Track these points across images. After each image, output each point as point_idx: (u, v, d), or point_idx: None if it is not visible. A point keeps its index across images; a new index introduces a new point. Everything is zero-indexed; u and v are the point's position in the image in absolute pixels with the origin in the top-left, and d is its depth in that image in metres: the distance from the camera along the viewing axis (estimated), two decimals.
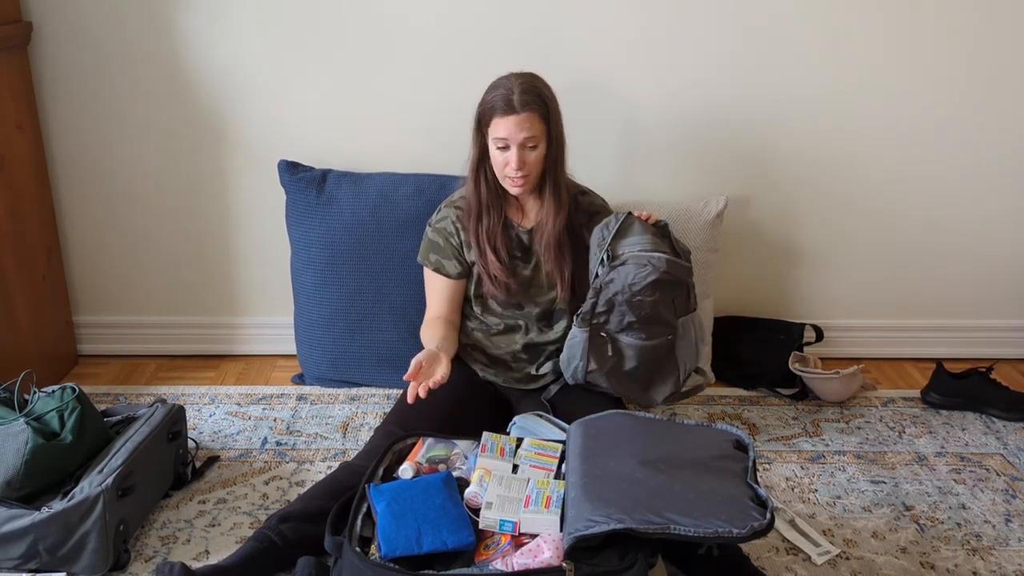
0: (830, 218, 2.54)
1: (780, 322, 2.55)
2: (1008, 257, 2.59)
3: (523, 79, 1.90)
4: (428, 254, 2.06)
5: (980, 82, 2.41)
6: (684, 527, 1.38)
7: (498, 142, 1.89)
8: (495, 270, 1.98)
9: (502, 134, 1.88)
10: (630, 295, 1.86)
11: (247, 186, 2.47)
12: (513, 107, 1.86)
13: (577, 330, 1.93)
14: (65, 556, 1.63)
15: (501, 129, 1.87)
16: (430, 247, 2.06)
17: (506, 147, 1.89)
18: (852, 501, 1.97)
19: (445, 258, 2.03)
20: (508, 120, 1.86)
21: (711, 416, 2.32)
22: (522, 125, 1.86)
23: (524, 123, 1.86)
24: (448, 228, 2.04)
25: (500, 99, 1.87)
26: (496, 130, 1.88)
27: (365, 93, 2.39)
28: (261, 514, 1.87)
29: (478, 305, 2.07)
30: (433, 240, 2.06)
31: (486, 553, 1.49)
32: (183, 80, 2.37)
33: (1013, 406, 2.32)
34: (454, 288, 2.05)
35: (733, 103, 2.41)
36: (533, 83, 1.90)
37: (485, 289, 2.02)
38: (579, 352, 1.92)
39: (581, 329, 1.92)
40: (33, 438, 1.68)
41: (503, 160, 1.91)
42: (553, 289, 2.03)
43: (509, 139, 1.87)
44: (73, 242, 2.53)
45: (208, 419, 2.27)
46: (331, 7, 2.32)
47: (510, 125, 1.86)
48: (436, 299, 2.07)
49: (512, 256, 2.01)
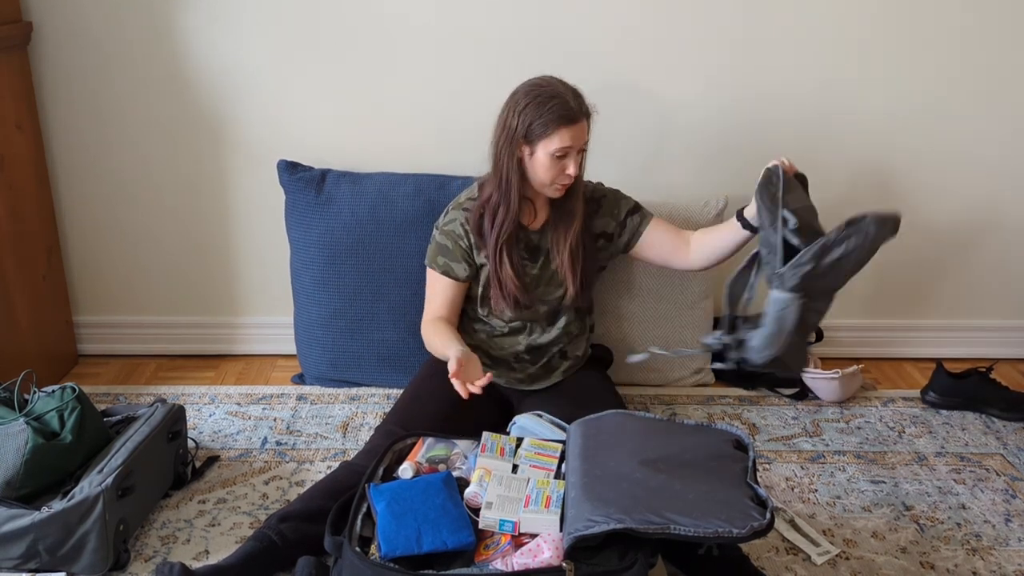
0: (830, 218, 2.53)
1: None
2: (1008, 257, 2.59)
3: (566, 85, 1.89)
4: (436, 257, 2.04)
5: (981, 82, 2.41)
6: (684, 527, 1.38)
7: (559, 152, 1.87)
8: (507, 278, 1.97)
9: (567, 143, 1.86)
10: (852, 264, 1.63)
11: (247, 186, 2.47)
12: (576, 116, 1.86)
13: (783, 295, 1.64)
14: (65, 556, 1.63)
15: (567, 138, 1.86)
16: (438, 250, 2.04)
17: (565, 156, 1.88)
18: (852, 501, 1.97)
19: (454, 261, 2.02)
20: (574, 128, 1.86)
21: (711, 416, 2.32)
22: (584, 131, 1.88)
23: (584, 129, 1.88)
24: (457, 230, 2.02)
25: (561, 109, 1.85)
26: (560, 140, 1.86)
27: (364, 93, 2.39)
28: (261, 514, 1.87)
29: (484, 307, 2.07)
30: (441, 243, 2.04)
31: (486, 553, 1.49)
32: (183, 80, 2.37)
33: (1013, 406, 2.32)
34: (458, 290, 2.04)
35: (732, 103, 2.41)
36: (576, 89, 1.90)
37: (492, 302, 2.02)
38: (791, 321, 1.64)
39: (789, 294, 1.63)
40: (33, 438, 1.68)
41: (559, 168, 1.89)
42: (561, 286, 2.02)
43: (573, 146, 1.87)
44: (73, 242, 2.53)
45: (208, 419, 2.27)
46: (331, 7, 2.32)
47: (576, 133, 1.86)
48: (439, 300, 2.05)
49: (521, 259, 2.01)
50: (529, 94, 1.87)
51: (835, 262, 1.61)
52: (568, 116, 1.85)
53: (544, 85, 1.88)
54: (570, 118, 1.85)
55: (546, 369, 2.09)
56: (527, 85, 1.90)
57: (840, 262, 1.62)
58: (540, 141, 1.86)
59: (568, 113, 1.85)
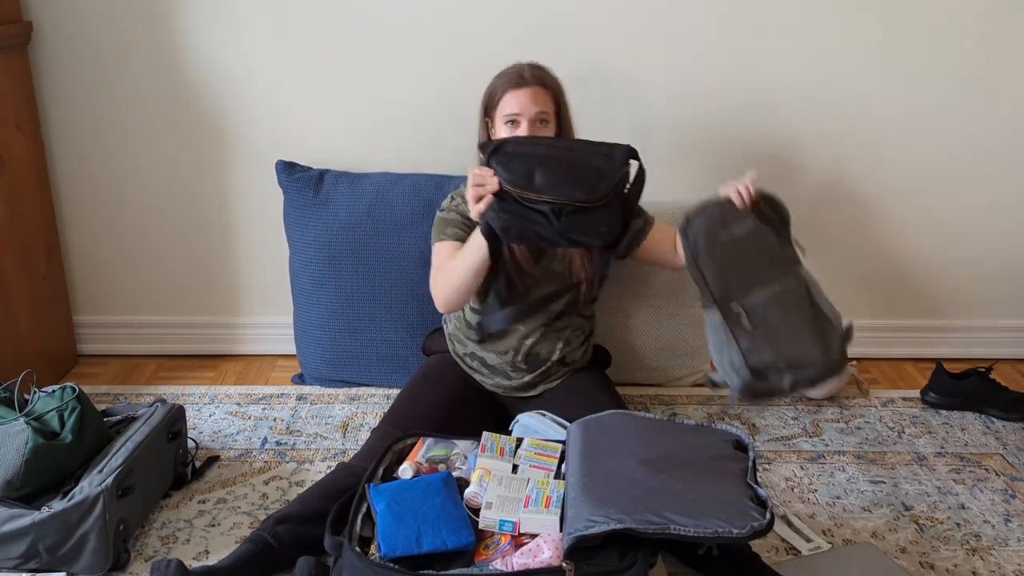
0: (829, 218, 2.54)
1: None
2: (1008, 257, 2.59)
3: (531, 62, 1.92)
4: (445, 229, 1.98)
5: (981, 78, 2.40)
6: (684, 527, 1.38)
7: (508, 118, 1.87)
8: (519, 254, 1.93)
9: (514, 108, 1.86)
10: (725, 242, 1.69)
11: (246, 186, 2.47)
12: (525, 80, 1.86)
13: (706, 312, 1.70)
14: (65, 556, 1.63)
15: (513, 103, 1.86)
16: (446, 224, 1.98)
17: (516, 123, 1.87)
18: (852, 501, 1.97)
19: (463, 230, 1.96)
20: (520, 92, 1.86)
21: (711, 416, 2.32)
22: (535, 98, 1.86)
23: (538, 96, 1.87)
24: (464, 209, 1.97)
25: (510, 75, 1.89)
26: (507, 106, 1.87)
27: (363, 93, 2.39)
28: (261, 514, 1.87)
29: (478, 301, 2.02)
30: (449, 219, 1.99)
31: (486, 553, 1.49)
32: (182, 80, 2.37)
33: (1013, 406, 2.32)
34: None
35: (732, 102, 2.41)
36: (541, 65, 1.92)
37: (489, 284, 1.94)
38: (723, 337, 1.67)
39: (709, 310, 1.69)
40: (33, 438, 1.68)
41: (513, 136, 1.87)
42: (561, 283, 2.00)
43: (521, 113, 1.86)
44: (73, 242, 2.53)
45: (208, 419, 2.27)
46: (330, 8, 2.32)
47: (522, 97, 1.85)
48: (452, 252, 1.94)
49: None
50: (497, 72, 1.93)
51: (710, 259, 1.68)
52: (516, 82, 1.87)
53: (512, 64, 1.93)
54: (518, 83, 1.87)
55: (543, 376, 2.07)
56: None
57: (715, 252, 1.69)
58: (495, 110, 1.91)
59: (516, 80, 1.87)
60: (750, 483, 1.51)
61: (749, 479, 1.53)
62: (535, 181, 1.64)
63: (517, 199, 1.65)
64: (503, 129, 1.89)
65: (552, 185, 1.64)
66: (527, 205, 1.65)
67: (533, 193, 1.64)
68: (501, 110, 1.88)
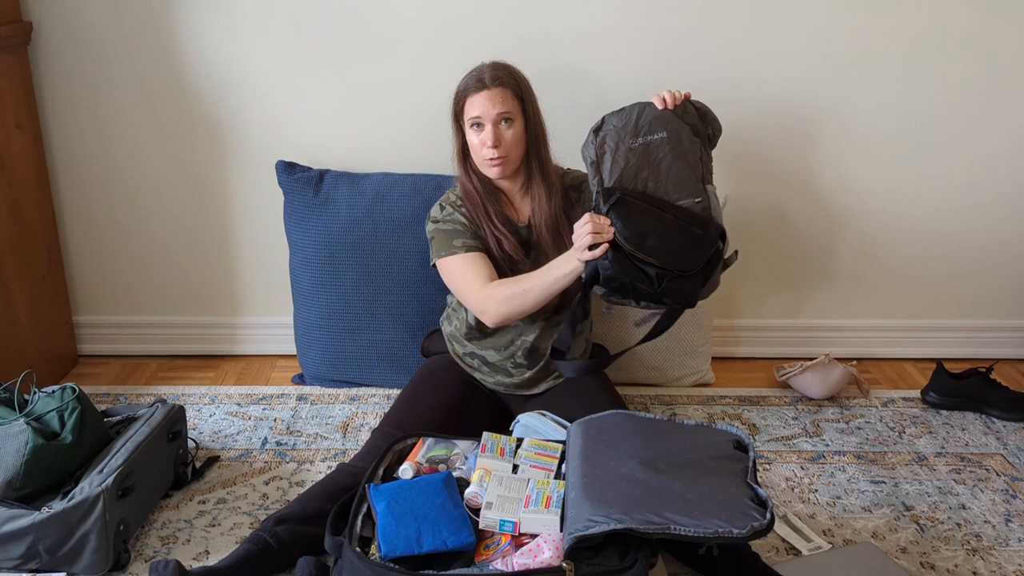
0: (828, 218, 2.54)
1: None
2: (1008, 257, 2.59)
3: (493, 62, 1.93)
4: (450, 241, 1.94)
5: (979, 77, 2.41)
6: (684, 527, 1.38)
7: (472, 121, 1.89)
8: (509, 248, 1.94)
9: (476, 112, 1.88)
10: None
11: (247, 186, 2.47)
12: (484, 83, 1.88)
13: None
14: (65, 556, 1.63)
15: (475, 107, 1.88)
16: (450, 235, 1.95)
17: (481, 126, 1.89)
18: (852, 501, 1.97)
19: (470, 237, 1.96)
20: (480, 96, 1.87)
21: (711, 416, 2.32)
22: (495, 100, 1.87)
23: (496, 98, 1.87)
24: (458, 217, 1.98)
25: (471, 79, 1.90)
26: (470, 109, 1.89)
27: (363, 94, 2.39)
28: (261, 514, 1.87)
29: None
30: (448, 230, 1.97)
31: (486, 553, 1.49)
32: (183, 80, 2.37)
33: (1013, 406, 2.32)
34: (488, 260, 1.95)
35: (731, 102, 2.41)
36: (503, 63, 1.93)
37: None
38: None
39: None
40: (33, 438, 1.68)
41: (480, 141, 1.89)
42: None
43: (483, 116, 1.87)
44: (73, 242, 2.53)
45: (208, 419, 2.27)
46: (330, 8, 2.32)
47: (483, 101, 1.87)
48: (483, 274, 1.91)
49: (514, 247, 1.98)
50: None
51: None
52: (476, 86, 1.88)
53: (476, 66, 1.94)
54: (477, 87, 1.88)
55: (543, 372, 2.08)
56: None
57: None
58: (462, 115, 1.92)
59: (476, 84, 1.88)
60: (750, 483, 1.51)
61: (749, 479, 1.53)
62: (647, 242, 1.69)
63: (628, 255, 1.69)
64: (470, 133, 1.92)
65: (663, 251, 1.70)
66: (636, 263, 1.69)
67: (643, 254, 1.69)
68: (466, 114, 1.91)
